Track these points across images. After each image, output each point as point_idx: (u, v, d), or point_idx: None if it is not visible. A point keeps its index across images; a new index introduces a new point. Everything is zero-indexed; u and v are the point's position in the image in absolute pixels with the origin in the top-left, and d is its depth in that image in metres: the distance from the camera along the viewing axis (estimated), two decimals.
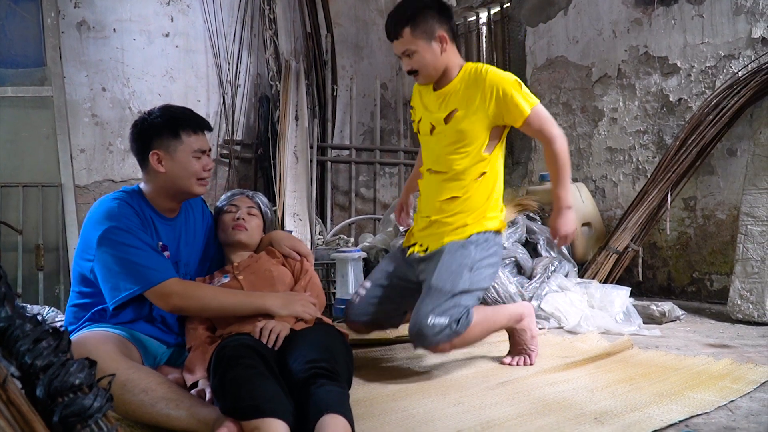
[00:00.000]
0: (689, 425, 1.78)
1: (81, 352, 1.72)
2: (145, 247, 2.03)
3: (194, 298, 2.03)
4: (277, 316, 2.02)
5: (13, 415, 1.07)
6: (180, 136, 2.15)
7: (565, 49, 5.11)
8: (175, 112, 2.22)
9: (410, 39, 2.40)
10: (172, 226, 2.26)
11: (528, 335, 2.57)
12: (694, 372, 2.35)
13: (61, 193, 4.22)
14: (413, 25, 2.38)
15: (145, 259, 2.00)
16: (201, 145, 2.19)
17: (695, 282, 4.29)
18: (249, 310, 2.05)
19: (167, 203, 2.23)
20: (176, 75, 5.17)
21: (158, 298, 2.01)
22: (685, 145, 3.98)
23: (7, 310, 1.22)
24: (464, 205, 2.45)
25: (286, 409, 1.57)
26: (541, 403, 2.01)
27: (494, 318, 2.48)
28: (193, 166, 2.17)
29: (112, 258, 2.00)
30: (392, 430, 1.80)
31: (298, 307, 2.08)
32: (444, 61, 2.45)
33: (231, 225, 2.33)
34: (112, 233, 2.01)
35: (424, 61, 2.43)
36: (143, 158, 2.19)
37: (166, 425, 1.75)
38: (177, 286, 2.02)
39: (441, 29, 2.40)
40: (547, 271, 3.91)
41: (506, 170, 5.53)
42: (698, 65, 4.21)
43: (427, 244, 2.51)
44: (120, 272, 1.99)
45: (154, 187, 2.21)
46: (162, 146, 2.15)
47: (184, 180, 2.17)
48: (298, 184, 5.02)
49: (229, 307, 2.06)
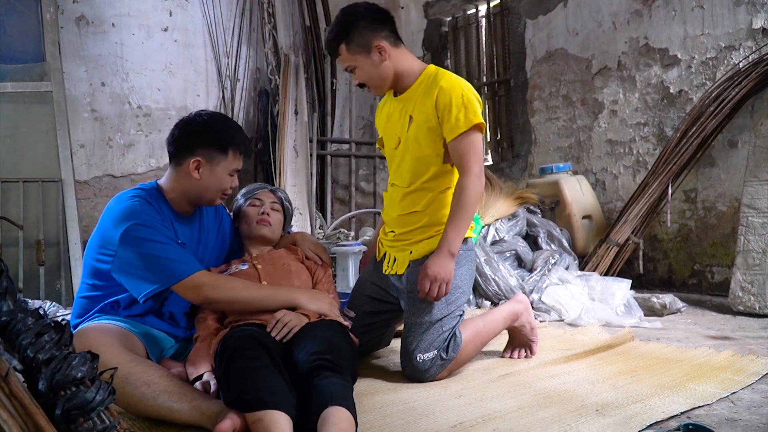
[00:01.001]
0: (691, 417, 1.78)
1: (83, 345, 1.73)
2: (169, 242, 2.04)
3: (224, 288, 2.04)
4: (304, 309, 2.03)
5: (15, 409, 1.07)
6: (227, 153, 2.17)
7: (564, 41, 5.10)
8: (230, 128, 2.23)
9: (347, 56, 2.34)
10: (188, 225, 2.27)
11: (528, 328, 2.56)
12: (696, 364, 2.35)
13: (61, 189, 4.22)
14: (347, 41, 2.31)
15: (171, 254, 2.01)
16: (238, 166, 2.22)
17: (696, 274, 4.29)
18: (278, 303, 2.06)
19: (186, 206, 2.25)
20: (175, 70, 5.16)
21: (189, 290, 2.01)
22: (686, 137, 3.97)
23: (9, 304, 1.23)
24: (429, 219, 2.37)
25: (289, 402, 1.58)
26: (543, 396, 2.01)
27: (486, 329, 2.43)
28: (226, 182, 2.20)
29: (138, 254, 2.00)
30: (393, 422, 1.80)
31: (326, 304, 2.10)
32: (388, 69, 2.34)
33: (255, 219, 2.37)
34: (135, 230, 2.00)
35: (367, 74, 2.35)
36: (180, 157, 2.18)
37: (169, 418, 1.75)
38: (206, 277, 2.03)
39: (377, 39, 2.30)
40: (548, 264, 3.92)
41: (506, 163, 5.58)
42: (699, 56, 4.20)
43: (395, 255, 2.46)
44: (145, 268, 1.99)
45: (179, 188, 2.20)
46: (206, 155, 2.15)
47: (212, 192, 2.20)
48: (298, 179, 5.02)
49: (258, 299, 2.06)
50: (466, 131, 2.22)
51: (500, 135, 5.86)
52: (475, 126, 2.23)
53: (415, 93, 2.35)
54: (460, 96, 2.24)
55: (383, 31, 2.32)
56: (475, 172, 2.23)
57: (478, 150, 2.26)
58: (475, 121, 2.22)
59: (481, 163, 2.27)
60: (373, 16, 2.34)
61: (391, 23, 2.38)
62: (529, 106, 5.43)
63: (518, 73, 5.52)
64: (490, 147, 6.00)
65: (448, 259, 2.21)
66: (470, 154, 2.24)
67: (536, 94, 5.35)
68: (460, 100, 2.23)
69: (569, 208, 4.45)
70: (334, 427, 1.47)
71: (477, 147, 2.25)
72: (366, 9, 2.36)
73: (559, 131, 5.17)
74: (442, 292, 2.21)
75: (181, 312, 2.23)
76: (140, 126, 4.91)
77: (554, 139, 5.22)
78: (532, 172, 5.36)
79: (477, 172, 2.23)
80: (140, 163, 4.78)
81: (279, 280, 2.20)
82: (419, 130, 2.32)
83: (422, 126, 2.31)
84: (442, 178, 2.36)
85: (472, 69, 6.06)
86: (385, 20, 2.36)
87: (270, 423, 1.51)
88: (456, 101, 2.23)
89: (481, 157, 2.27)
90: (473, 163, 2.23)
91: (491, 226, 4.14)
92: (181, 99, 5.08)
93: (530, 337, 2.57)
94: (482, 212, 4.12)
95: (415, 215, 2.39)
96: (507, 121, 5.74)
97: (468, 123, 2.22)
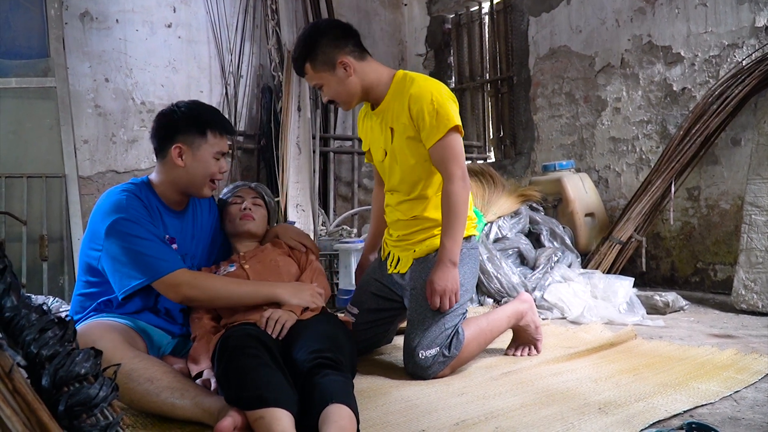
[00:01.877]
0: (694, 415, 1.78)
1: (86, 341, 1.73)
2: (153, 238, 2.05)
3: (204, 287, 2.04)
4: (287, 304, 2.03)
5: (19, 405, 1.07)
6: (206, 135, 2.18)
7: (568, 38, 5.09)
8: (206, 111, 2.25)
9: (313, 74, 2.34)
10: (179, 218, 2.28)
11: (532, 327, 2.56)
12: (698, 362, 2.35)
13: (64, 184, 4.22)
14: (311, 59, 2.31)
15: (153, 251, 2.02)
16: (222, 147, 2.22)
17: (699, 272, 4.28)
18: (258, 299, 2.06)
19: (175, 196, 2.25)
20: (179, 66, 5.15)
21: (168, 288, 2.02)
22: (689, 134, 3.97)
23: (12, 300, 1.23)
24: (429, 220, 2.39)
25: (291, 399, 1.58)
26: (545, 393, 2.01)
27: (490, 327, 2.43)
28: (211, 166, 2.20)
29: (121, 249, 2.02)
30: (395, 420, 1.80)
31: (307, 296, 2.09)
32: (355, 84, 2.33)
33: (239, 216, 2.36)
34: (120, 225, 2.02)
35: (333, 90, 2.35)
36: (163, 148, 2.20)
37: (171, 414, 1.76)
38: (186, 276, 2.04)
39: (340, 55, 2.29)
40: (551, 262, 3.91)
41: (508, 161, 5.57)
42: (702, 54, 4.19)
43: (399, 254, 2.48)
44: (128, 263, 2.01)
45: (167, 179, 2.22)
46: (186, 141, 2.17)
47: (198, 178, 2.20)
48: (301, 175, 5.02)
49: (238, 296, 2.07)
50: (443, 136, 2.22)
51: (503, 132, 5.85)
52: (451, 129, 2.23)
53: (391, 104, 2.35)
54: (430, 102, 2.22)
55: (347, 47, 2.32)
56: (458, 176, 2.23)
57: (458, 153, 2.25)
58: (449, 125, 2.22)
59: (463, 166, 2.26)
60: (335, 32, 2.33)
61: (355, 37, 2.37)
62: (531, 104, 5.42)
63: (521, 70, 5.51)
64: (492, 144, 6.00)
65: (451, 270, 2.23)
66: (450, 158, 2.24)
67: (539, 91, 5.34)
68: (431, 106, 2.22)
69: (572, 206, 4.45)
70: (335, 425, 1.47)
71: (456, 150, 2.25)
72: (327, 26, 2.39)
73: (562, 129, 5.16)
74: (452, 302, 2.23)
75: (177, 308, 2.23)
76: (143, 122, 4.90)
77: (557, 137, 5.21)
78: (534, 170, 5.36)
79: (460, 176, 2.23)
80: (143, 159, 4.78)
81: (268, 277, 2.20)
82: (401, 140, 2.33)
83: (402, 136, 2.32)
84: (436, 180, 2.36)
85: (475, 66, 6.05)
86: (348, 35, 2.35)
87: (272, 420, 1.51)
88: (427, 107, 2.22)
89: (461, 160, 2.26)
90: (454, 167, 2.23)
91: (494, 223, 4.14)
92: (184, 95, 5.06)
93: (535, 336, 2.57)
94: (485, 210, 4.12)
95: (416, 220, 2.41)
96: (509, 118, 5.73)
97: (443, 128, 2.22)
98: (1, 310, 1.23)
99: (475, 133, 6.09)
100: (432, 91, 2.24)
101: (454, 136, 2.24)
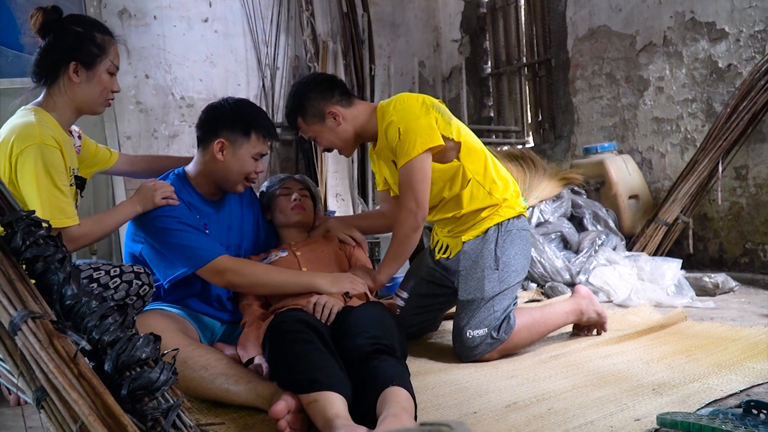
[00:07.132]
0: (750, 395, 1.74)
1: (143, 329, 1.77)
2: (191, 229, 2.10)
3: (245, 273, 2.09)
4: (326, 293, 2.05)
5: (84, 389, 1.10)
6: (250, 135, 2.23)
7: (607, 17, 4.99)
8: (253, 112, 2.30)
9: (306, 127, 2.41)
10: (215, 208, 2.32)
11: (595, 317, 2.54)
12: (752, 342, 2.30)
13: (110, 179, 4.31)
14: (302, 114, 2.39)
15: (193, 241, 2.08)
16: (263, 150, 2.28)
17: (748, 253, 4.18)
18: (297, 287, 2.09)
19: (209, 187, 2.30)
20: (216, 60, 5.20)
21: (212, 275, 2.07)
22: (736, 112, 3.86)
23: (73, 288, 1.26)
24: (467, 215, 2.39)
25: (344, 383, 1.59)
26: (596, 376, 1.99)
27: (544, 320, 2.41)
28: (249, 166, 2.25)
29: (162, 241, 2.09)
30: (447, 402, 1.80)
31: (347, 284, 2.11)
32: (347, 131, 2.39)
33: (289, 206, 2.40)
34: (158, 220, 2.09)
35: (328, 140, 2.42)
36: (206, 140, 2.25)
37: (226, 400, 1.79)
38: (228, 262, 2.08)
39: (328, 106, 2.36)
40: (594, 245, 3.86)
41: (548, 145, 5.50)
42: (747, 30, 4.07)
43: (447, 242, 2.51)
44: (171, 255, 2.08)
45: (203, 169, 2.26)
46: (229, 137, 2.21)
47: (234, 175, 2.24)
48: (339, 165, 5.04)
49: (278, 283, 2.10)
50: (405, 163, 2.25)
51: (541, 116, 5.78)
52: (412, 159, 2.23)
53: (382, 139, 2.38)
54: (396, 132, 2.26)
55: (333, 97, 2.38)
56: (409, 207, 2.25)
57: (416, 182, 2.25)
58: (412, 155, 2.22)
59: (418, 197, 2.25)
60: (321, 85, 2.41)
61: (341, 87, 2.45)
62: (571, 86, 5.33)
63: (559, 52, 5.43)
64: (531, 129, 5.93)
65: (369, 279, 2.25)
66: (407, 188, 2.26)
67: (578, 73, 5.25)
68: (396, 136, 2.26)
69: (615, 188, 4.38)
70: (396, 405, 1.47)
71: (415, 179, 2.24)
72: (313, 80, 2.46)
73: (603, 110, 5.08)
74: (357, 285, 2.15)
75: (226, 295, 2.28)
76: (183, 117, 4.98)
77: (598, 119, 5.12)
78: (575, 153, 5.28)
79: (411, 208, 2.25)
80: (185, 153, 4.84)
81: (317, 266, 2.24)
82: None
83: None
84: (455, 183, 2.38)
85: (512, 50, 5.98)
86: (334, 86, 2.43)
87: (326, 404, 1.52)
88: (393, 137, 2.27)
89: (419, 189, 2.25)
90: (408, 198, 2.26)
91: (535, 207, 4.09)
92: (222, 89, 5.12)
93: (600, 321, 2.57)
94: (526, 194, 4.08)
95: (452, 219, 2.44)
96: (548, 101, 5.66)
97: (406, 156, 2.24)
98: (62, 298, 1.26)
99: (513, 118, 6.04)
100: (398, 122, 2.27)
101: (413, 163, 2.24)
